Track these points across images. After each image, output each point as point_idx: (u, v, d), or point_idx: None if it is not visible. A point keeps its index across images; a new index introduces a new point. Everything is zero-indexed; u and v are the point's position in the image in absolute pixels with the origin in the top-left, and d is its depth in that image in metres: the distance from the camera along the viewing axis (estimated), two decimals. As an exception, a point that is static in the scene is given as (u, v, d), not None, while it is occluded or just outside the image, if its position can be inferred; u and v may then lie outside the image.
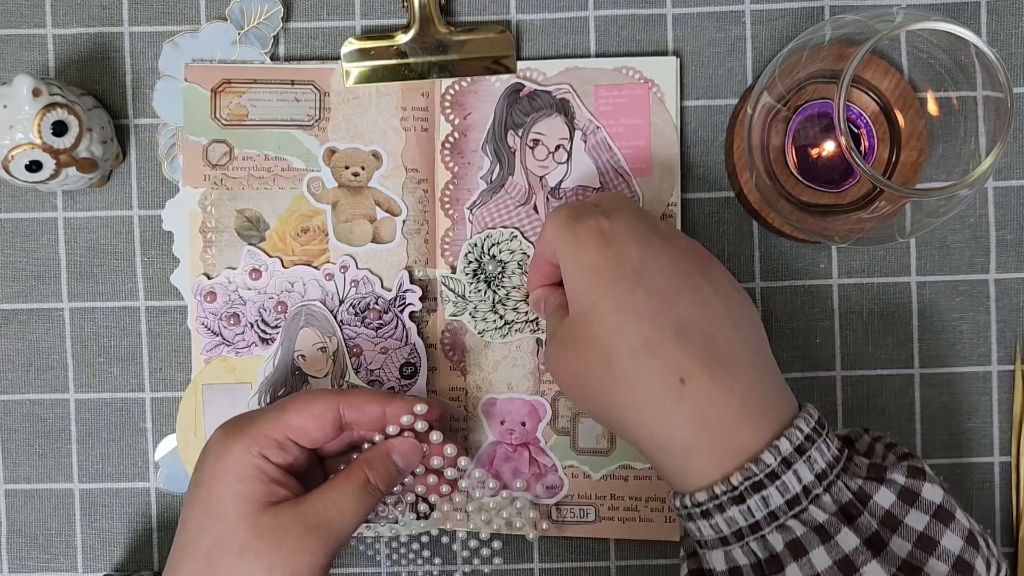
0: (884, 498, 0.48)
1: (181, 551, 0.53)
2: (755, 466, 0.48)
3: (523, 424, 0.63)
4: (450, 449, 0.58)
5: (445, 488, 0.60)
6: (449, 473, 0.59)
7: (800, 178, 0.61)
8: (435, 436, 0.58)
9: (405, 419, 0.57)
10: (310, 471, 0.57)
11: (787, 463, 0.48)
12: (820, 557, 0.47)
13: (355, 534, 0.56)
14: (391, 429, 0.57)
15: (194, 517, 0.53)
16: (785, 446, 0.48)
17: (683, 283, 0.51)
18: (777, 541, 0.48)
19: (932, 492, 0.49)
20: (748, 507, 0.48)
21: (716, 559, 0.50)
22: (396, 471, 0.57)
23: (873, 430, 0.55)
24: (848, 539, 0.47)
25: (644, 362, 0.50)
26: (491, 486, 0.62)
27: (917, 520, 0.48)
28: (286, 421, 0.54)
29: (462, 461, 0.59)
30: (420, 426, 0.57)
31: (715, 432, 0.49)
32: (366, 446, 0.58)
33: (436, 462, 0.58)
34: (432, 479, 0.59)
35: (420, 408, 0.57)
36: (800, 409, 0.51)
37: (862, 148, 0.61)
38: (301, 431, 0.55)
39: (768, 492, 0.48)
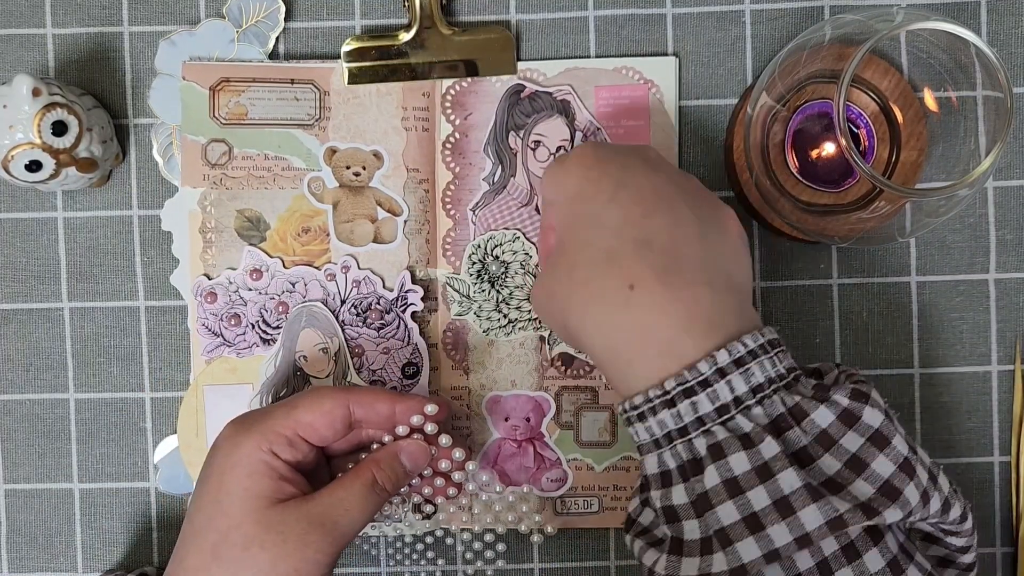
0: (823, 417, 0.49)
1: (187, 543, 0.53)
2: (688, 372, 0.49)
3: (527, 420, 0.64)
4: (458, 453, 0.58)
5: (452, 491, 0.60)
6: (456, 476, 0.59)
7: (800, 178, 0.61)
8: (444, 439, 0.58)
9: (415, 419, 0.57)
10: (318, 470, 0.57)
11: (722, 373, 0.48)
12: (739, 461, 0.48)
13: (359, 533, 0.56)
14: (400, 430, 0.57)
15: (201, 510, 0.53)
16: (723, 357, 0.48)
17: (659, 204, 0.52)
18: (701, 445, 0.49)
19: (872, 416, 0.49)
20: (678, 411, 0.49)
21: (649, 463, 0.51)
22: (403, 472, 0.57)
23: (844, 365, 0.55)
24: (770, 447, 0.48)
25: (602, 270, 0.51)
26: (497, 490, 0.62)
27: (852, 442, 0.48)
28: (296, 418, 0.55)
29: (470, 465, 0.59)
30: (429, 428, 0.57)
31: (657, 339, 0.50)
32: (375, 447, 0.58)
33: (444, 465, 0.59)
34: (439, 481, 0.60)
35: (431, 408, 0.57)
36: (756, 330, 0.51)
37: (862, 148, 0.61)
38: (311, 428, 0.55)
39: (698, 399, 0.48)
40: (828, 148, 0.60)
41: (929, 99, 0.60)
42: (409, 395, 0.58)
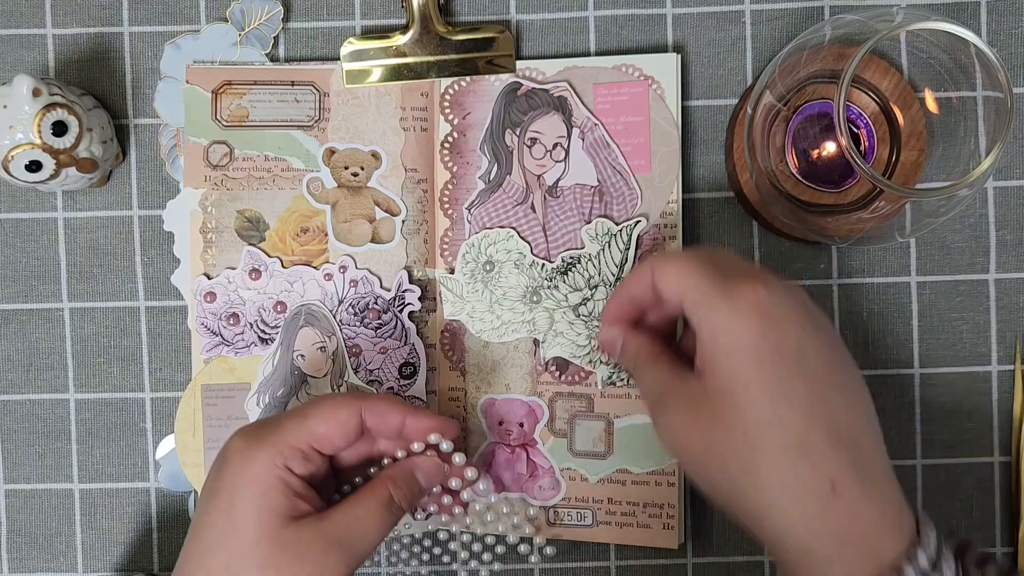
0: None
1: (195, 560, 0.52)
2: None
3: (521, 425, 0.63)
4: (471, 472, 0.58)
5: (457, 509, 0.60)
6: (465, 495, 0.59)
7: (800, 178, 0.61)
8: (458, 458, 0.57)
9: (433, 437, 0.56)
10: (326, 482, 0.56)
11: (924, 574, 0.47)
12: None
13: (374, 551, 0.56)
14: (416, 446, 0.56)
15: (212, 528, 0.51)
16: (923, 561, 0.47)
17: (835, 377, 0.49)
18: None
19: None
20: None
21: None
22: (419, 490, 0.56)
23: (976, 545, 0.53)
24: None
25: (796, 463, 0.47)
26: (482, 489, 0.62)
27: None
28: (310, 429, 0.53)
29: (481, 485, 0.59)
30: (445, 446, 0.57)
31: (860, 544, 0.47)
32: (386, 461, 0.57)
33: (454, 483, 0.58)
34: (447, 499, 0.59)
35: (434, 438, 0.56)
36: (914, 512, 0.49)
37: (862, 148, 0.61)
38: (325, 439, 0.53)
39: None
40: (828, 148, 0.60)
41: (929, 99, 0.60)
42: (420, 409, 0.57)
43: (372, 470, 0.57)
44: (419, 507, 0.59)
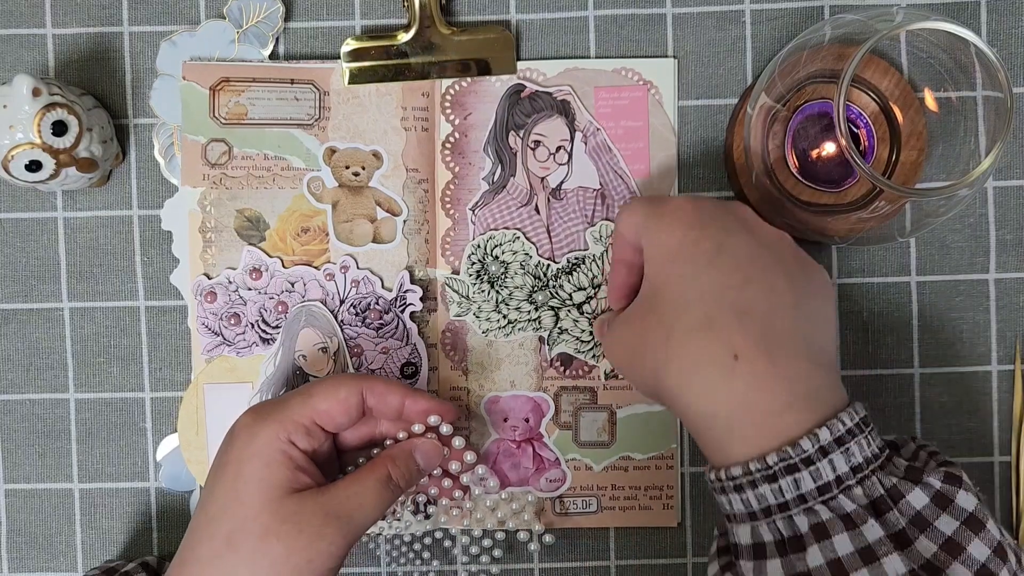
0: (917, 499, 0.49)
1: (200, 531, 0.53)
2: (792, 449, 0.48)
3: (526, 420, 0.64)
4: (470, 456, 0.59)
5: (457, 493, 0.60)
6: (465, 479, 0.60)
7: (800, 178, 0.61)
8: (458, 441, 0.58)
9: (432, 419, 0.57)
10: (329, 462, 0.58)
11: (824, 451, 0.48)
12: (843, 543, 0.48)
13: (370, 528, 0.56)
14: (416, 427, 0.57)
15: (216, 499, 0.53)
16: (825, 435, 0.49)
17: (755, 271, 0.52)
18: (803, 522, 0.49)
19: (966, 500, 0.49)
20: (779, 487, 0.49)
21: (742, 533, 0.51)
22: (417, 470, 0.57)
23: (919, 438, 0.55)
24: (873, 530, 0.48)
25: (701, 336, 0.51)
26: (492, 485, 0.62)
27: (947, 524, 0.49)
28: (313, 406, 0.55)
29: (480, 469, 0.60)
30: (445, 429, 0.58)
31: (759, 412, 0.50)
32: (388, 443, 0.58)
33: (454, 467, 0.59)
34: (447, 482, 0.60)
35: (434, 419, 0.58)
36: (848, 405, 0.51)
37: (862, 148, 0.61)
38: (327, 415, 0.55)
39: (801, 475, 0.48)
40: (828, 148, 0.60)
41: (929, 99, 0.60)
42: (421, 392, 0.58)
43: (375, 451, 0.58)
44: (420, 491, 0.60)
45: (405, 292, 0.63)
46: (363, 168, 0.63)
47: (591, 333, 0.64)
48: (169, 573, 0.54)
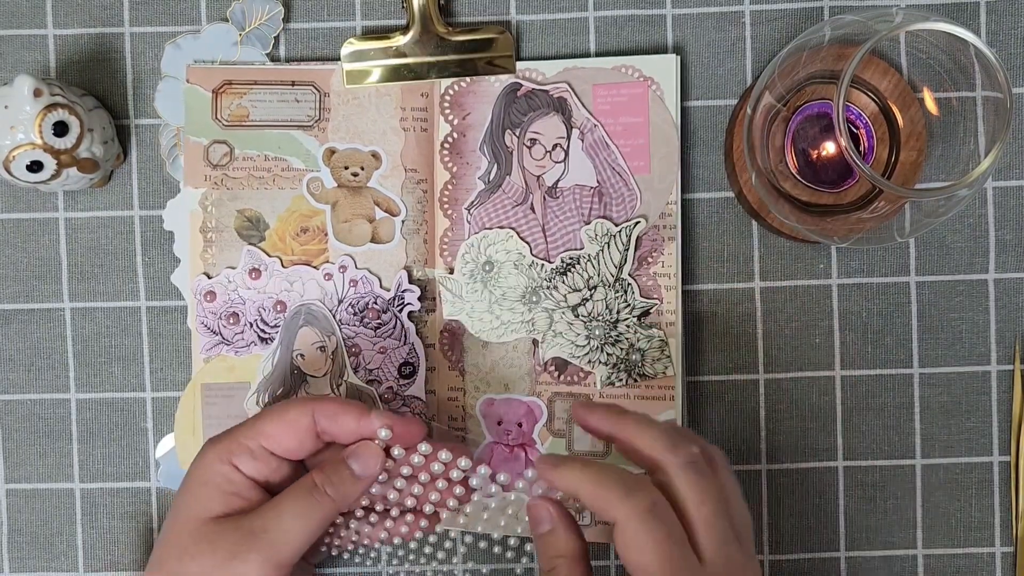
0: None
1: (152, 555, 0.54)
2: None
3: (520, 425, 0.63)
4: (464, 462, 0.55)
5: (459, 490, 0.57)
6: (455, 474, 0.56)
7: (800, 178, 0.61)
8: (444, 454, 0.55)
9: (383, 432, 0.54)
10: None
11: None
12: None
13: (303, 546, 0.53)
14: (396, 452, 0.54)
15: (165, 523, 0.54)
16: None
17: None
18: None
19: None
20: None
21: None
22: (350, 476, 0.53)
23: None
24: None
25: None
26: (501, 480, 0.60)
27: None
28: (259, 428, 0.54)
29: (481, 469, 0.56)
30: (424, 447, 0.54)
31: None
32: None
33: (455, 474, 0.55)
34: (442, 483, 0.56)
35: (384, 433, 0.54)
36: None
37: (861, 148, 0.61)
38: (274, 439, 0.54)
39: None
40: (828, 148, 0.61)
41: (929, 100, 0.60)
42: (375, 411, 0.54)
43: None
44: (423, 501, 0.56)
45: (403, 292, 0.63)
46: (362, 168, 0.63)
47: (586, 337, 0.63)
48: None
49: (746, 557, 0.51)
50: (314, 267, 0.63)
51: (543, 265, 0.63)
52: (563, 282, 0.63)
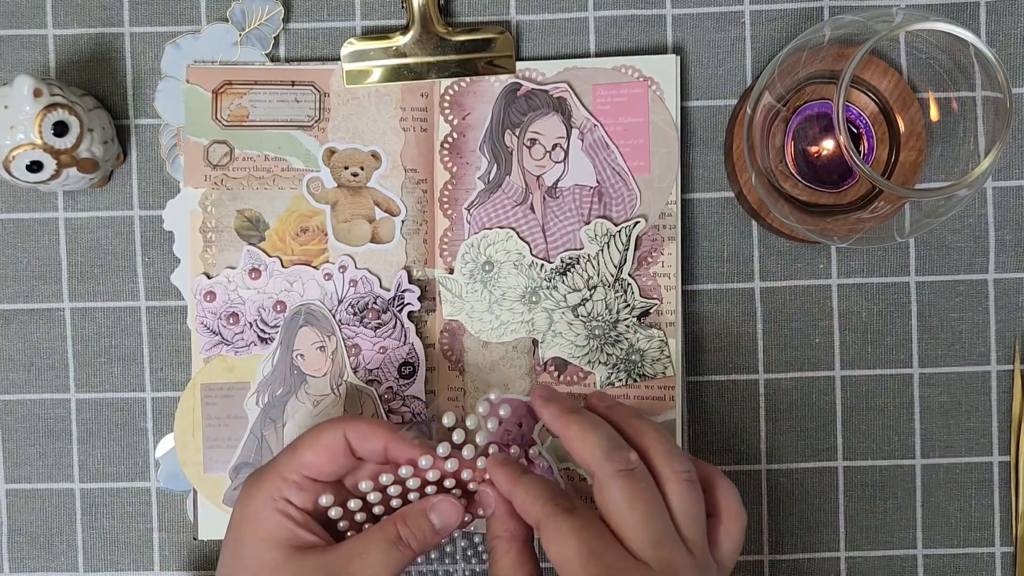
0: None
1: None
2: None
3: (519, 425, 0.63)
4: (480, 461, 0.55)
5: (457, 491, 0.57)
6: (466, 474, 0.56)
7: (800, 178, 0.61)
8: (450, 464, 0.54)
9: (403, 471, 0.54)
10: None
11: None
12: None
13: None
14: (431, 475, 0.54)
15: (224, 564, 0.54)
16: None
17: None
18: None
19: None
20: None
21: None
22: (432, 530, 0.54)
23: None
24: None
25: None
26: (513, 452, 0.59)
27: None
28: (298, 459, 0.54)
29: (490, 425, 0.56)
30: (466, 475, 0.55)
31: None
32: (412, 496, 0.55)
33: (466, 474, 0.55)
34: (448, 481, 0.56)
35: (424, 462, 0.54)
36: None
37: (861, 148, 0.61)
38: (315, 466, 0.54)
39: None
40: (828, 148, 0.61)
41: (929, 100, 0.60)
42: (404, 437, 0.55)
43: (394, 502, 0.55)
44: (453, 477, 0.56)
45: (403, 292, 0.63)
46: (362, 168, 0.63)
47: (586, 337, 0.63)
48: None
49: (693, 560, 0.51)
50: (314, 267, 0.63)
51: (543, 265, 0.63)
52: (563, 282, 0.63)
